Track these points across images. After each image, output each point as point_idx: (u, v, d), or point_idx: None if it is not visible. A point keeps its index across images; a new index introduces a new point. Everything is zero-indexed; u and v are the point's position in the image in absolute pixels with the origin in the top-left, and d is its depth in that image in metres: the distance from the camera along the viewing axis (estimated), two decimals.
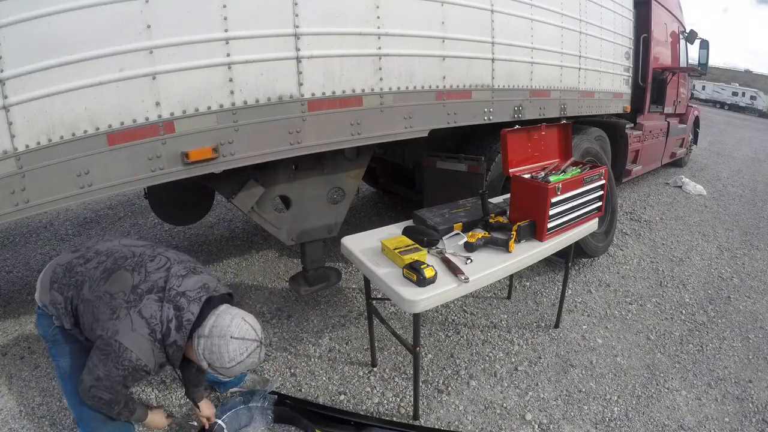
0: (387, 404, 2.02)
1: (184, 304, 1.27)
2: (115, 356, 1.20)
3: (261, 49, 1.76)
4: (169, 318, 1.25)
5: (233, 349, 1.25)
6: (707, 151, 9.44)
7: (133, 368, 1.22)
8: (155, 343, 1.25)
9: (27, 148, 1.44)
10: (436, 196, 3.00)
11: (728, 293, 3.25)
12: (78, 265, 1.38)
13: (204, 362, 1.29)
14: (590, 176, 2.11)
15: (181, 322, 1.26)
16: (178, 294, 1.29)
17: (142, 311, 1.24)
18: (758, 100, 28.97)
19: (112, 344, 1.20)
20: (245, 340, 1.27)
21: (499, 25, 2.56)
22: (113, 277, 1.30)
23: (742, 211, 5.32)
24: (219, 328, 1.27)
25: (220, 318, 1.29)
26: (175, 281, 1.31)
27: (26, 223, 4.10)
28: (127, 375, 1.23)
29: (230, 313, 1.31)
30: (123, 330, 1.21)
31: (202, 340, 1.27)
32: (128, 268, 1.33)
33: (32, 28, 1.39)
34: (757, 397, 2.22)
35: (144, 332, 1.22)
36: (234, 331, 1.26)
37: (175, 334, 1.26)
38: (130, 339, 1.21)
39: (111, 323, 1.22)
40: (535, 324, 2.66)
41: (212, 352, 1.26)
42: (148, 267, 1.34)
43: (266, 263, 3.32)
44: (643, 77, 4.54)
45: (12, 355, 2.30)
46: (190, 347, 1.31)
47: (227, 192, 2.06)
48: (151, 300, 1.26)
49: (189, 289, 1.31)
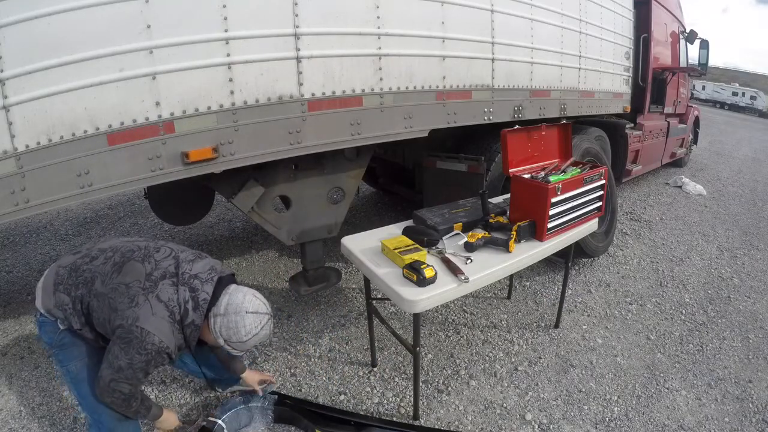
0: (387, 404, 2.02)
1: (198, 286, 1.35)
2: (137, 342, 1.24)
3: (261, 49, 1.76)
4: (185, 299, 1.32)
5: (249, 323, 1.35)
6: (707, 151, 9.44)
7: (156, 351, 1.26)
8: (174, 324, 1.31)
9: (27, 148, 1.44)
10: (436, 196, 3.00)
11: (728, 293, 3.24)
12: (83, 264, 1.41)
13: (221, 339, 1.36)
14: (590, 176, 2.11)
15: (198, 302, 1.33)
16: (191, 277, 1.36)
17: (160, 295, 1.30)
18: (758, 100, 28.98)
19: (133, 330, 1.24)
20: (258, 314, 1.38)
21: (499, 25, 2.56)
22: (125, 269, 1.35)
23: (742, 211, 5.32)
24: (234, 305, 1.35)
25: (233, 296, 1.38)
26: (186, 266, 1.38)
27: (26, 223, 4.10)
28: (150, 360, 1.27)
29: (242, 291, 1.40)
30: (144, 315, 1.26)
31: (218, 318, 1.35)
32: (138, 259, 1.38)
33: (32, 28, 1.39)
34: (757, 397, 2.22)
35: (164, 315, 1.28)
36: (248, 306, 1.36)
37: (192, 314, 1.32)
38: (152, 323, 1.26)
39: (131, 311, 1.26)
40: (535, 324, 2.66)
41: (229, 328, 1.34)
42: (156, 257, 1.40)
43: (266, 263, 3.32)
44: (643, 77, 4.54)
45: (12, 355, 2.30)
46: (205, 327, 1.38)
47: (227, 192, 2.06)
48: (167, 284, 1.32)
49: (200, 272, 1.38)
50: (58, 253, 3.54)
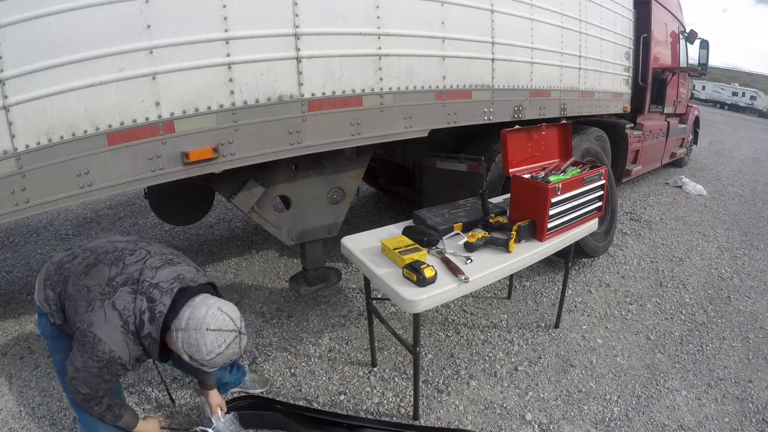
0: (387, 404, 2.02)
1: (157, 296, 1.26)
2: (90, 347, 1.21)
3: (261, 49, 1.76)
4: (141, 310, 1.25)
5: (210, 341, 1.24)
6: (707, 151, 9.44)
7: (107, 360, 1.22)
8: (128, 335, 1.24)
9: (27, 148, 1.44)
10: (436, 196, 3.01)
11: (728, 293, 3.25)
12: (66, 262, 1.41)
13: (185, 355, 1.27)
14: (590, 176, 2.11)
15: (154, 314, 1.25)
16: (151, 285, 1.28)
17: (116, 303, 1.24)
18: (758, 100, 29.01)
19: (87, 335, 1.21)
20: (221, 331, 1.25)
21: (499, 25, 2.56)
22: (92, 272, 1.32)
23: (742, 211, 5.32)
24: (195, 320, 1.24)
25: (195, 310, 1.26)
26: (149, 273, 1.30)
27: (26, 223, 4.10)
28: (103, 367, 1.23)
29: (206, 304, 1.28)
30: (97, 322, 1.22)
31: (180, 333, 1.26)
32: (108, 262, 1.34)
33: (32, 28, 1.39)
34: (757, 397, 2.22)
35: (117, 324, 1.22)
36: (210, 322, 1.24)
37: (148, 326, 1.25)
38: (104, 331, 1.21)
39: (87, 315, 1.24)
40: (535, 324, 2.66)
41: (190, 344, 1.24)
42: (127, 260, 1.35)
43: (266, 263, 3.32)
44: (643, 77, 4.54)
45: (12, 355, 2.30)
46: (170, 339, 1.29)
47: (227, 192, 2.06)
48: (125, 292, 1.26)
49: (162, 281, 1.30)
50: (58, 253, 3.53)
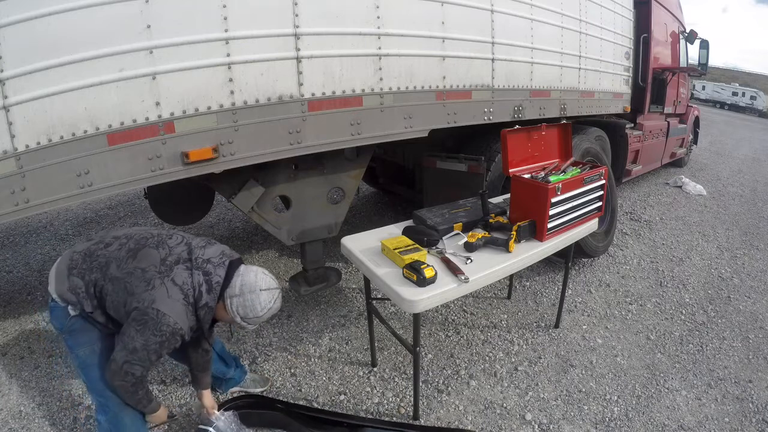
0: (387, 404, 2.02)
1: (211, 269, 1.42)
2: (153, 323, 1.30)
3: (261, 49, 1.76)
4: (200, 283, 1.39)
5: (264, 299, 1.43)
6: (707, 151, 9.44)
7: (171, 332, 1.32)
8: (189, 306, 1.37)
9: (27, 148, 1.44)
10: (436, 196, 3.01)
11: (728, 293, 3.25)
12: (98, 249, 1.45)
13: (237, 317, 1.44)
14: (590, 176, 2.11)
15: (211, 285, 1.40)
16: (204, 261, 1.43)
17: (175, 279, 1.36)
18: (758, 100, 29.02)
19: (149, 312, 1.30)
20: (271, 289, 1.46)
21: (499, 25, 2.56)
22: (140, 254, 1.41)
23: (742, 211, 5.32)
24: (248, 285, 1.42)
25: (245, 277, 1.44)
26: (198, 251, 1.45)
27: (26, 223, 4.10)
28: (164, 341, 1.33)
29: (252, 270, 1.47)
30: (160, 298, 1.32)
31: (234, 299, 1.42)
32: (152, 245, 1.44)
33: (32, 28, 1.39)
34: (757, 397, 2.22)
35: (179, 297, 1.34)
36: (261, 284, 1.44)
37: (206, 296, 1.39)
38: (167, 305, 1.32)
39: (147, 294, 1.32)
40: (535, 324, 2.66)
41: (245, 306, 1.42)
42: (169, 243, 1.46)
43: (266, 263, 3.32)
44: (643, 77, 4.54)
45: (12, 355, 2.30)
46: (221, 307, 1.45)
47: (227, 192, 2.06)
48: (181, 269, 1.39)
49: (212, 256, 1.45)
50: (58, 253, 3.53)
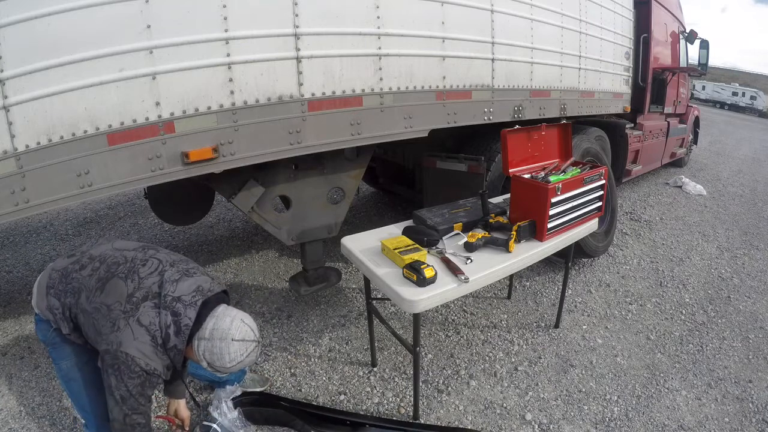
0: (387, 404, 2.02)
1: (181, 310, 1.29)
2: (125, 367, 1.22)
3: (261, 49, 1.76)
4: (167, 324, 1.27)
5: (234, 350, 1.30)
6: (707, 151, 9.44)
7: (145, 373, 1.25)
8: (157, 348, 1.27)
9: (27, 148, 1.44)
10: (436, 196, 3.01)
11: (728, 293, 3.25)
12: (74, 271, 1.38)
13: (204, 362, 1.32)
14: (590, 176, 2.11)
15: (180, 327, 1.28)
16: (174, 299, 1.30)
17: (141, 319, 1.26)
18: (758, 100, 29.02)
19: (119, 356, 1.22)
20: (245, 341, 1.31)
21: (499, 25, 2.56)
22: (107, 287, 1.31)
23: (742, 211, 5.32)
24: (219, 331, 1.30)
25: (219, 321, 1.32)
26: (169, 287, 1.32)
27: (26, 223, 4.10)
28: (143, 382, 1.26)
29: (229, 315, 1.34)
30: (126, 340, 1.23)
31: (203, 342, 1.31)
32: (121, 276, 1.34)
33: (32, 28, 1.39)
34: (757, 397, 2.22)
35: (146, 339, 1.25)
36: (234, 333, 1.30)
37: (174, 338, 1.28)
38: (134, 347, 1.23)
39: (114, 335, 1.24)
40: (535, 324, 2.66)
41: (213, 353, 1.30)
42: (141, 272, 1.35)
43: (266, 263, 3.32)
44: (643, 77, 4.54)
45: (12, 355, 2.30)
46: (190, 349, 1.34)
47: (227, 192, 2.06)
48: (148, 307, 1.28)
49: (184, 294, 1.32)
50: (58, 253, 3.54)
